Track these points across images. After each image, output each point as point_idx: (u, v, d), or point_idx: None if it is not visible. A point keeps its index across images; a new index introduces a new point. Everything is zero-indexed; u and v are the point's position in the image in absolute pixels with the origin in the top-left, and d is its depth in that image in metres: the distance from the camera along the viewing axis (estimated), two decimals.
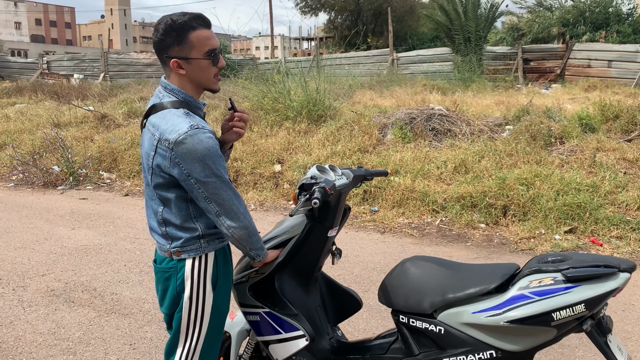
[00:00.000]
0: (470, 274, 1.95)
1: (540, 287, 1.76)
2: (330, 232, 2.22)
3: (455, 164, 6.78)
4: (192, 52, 1.88)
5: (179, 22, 1.85)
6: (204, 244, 1.98)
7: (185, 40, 1.86)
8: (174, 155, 1.81)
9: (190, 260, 1.97)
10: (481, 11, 20.03)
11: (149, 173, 1.93)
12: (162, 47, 1.88)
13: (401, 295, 2.02)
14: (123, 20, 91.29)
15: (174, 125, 1.82)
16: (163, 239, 1.99)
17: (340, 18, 34.58)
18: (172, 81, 1.95)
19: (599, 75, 18.07)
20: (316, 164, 2.27)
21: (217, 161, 1.84)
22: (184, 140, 1.79)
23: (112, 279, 4.41)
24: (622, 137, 7.74)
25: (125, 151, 8.47)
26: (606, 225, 5.36)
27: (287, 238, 2.19)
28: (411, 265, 2.08)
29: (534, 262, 1.90)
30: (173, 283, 2.00)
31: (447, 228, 5.76)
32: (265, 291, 2.23)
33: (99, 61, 25.22)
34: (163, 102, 1.92)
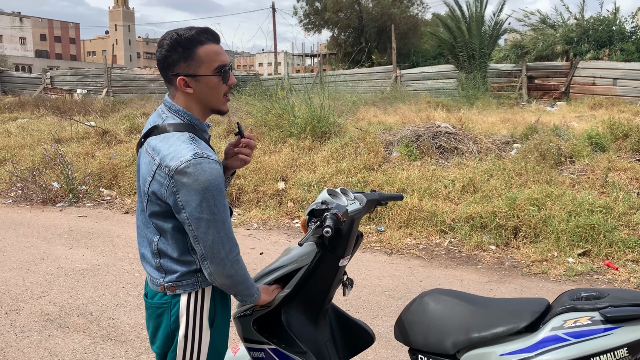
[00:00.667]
0: (496, 310, 1.78)
1: (576, 327, 1.59)
2: (341, 262, 2.05)
3: (464, 183, 6.62)
4: (200, 69, 1.73)
5: (185, 37, 1.70)
6: (200, 278, 1.80)
7: (193, 56, 1.71)
8: (172, 184, 1.65)
9: (186, 295, 1.80)
10: (485, 28, 20.03)
11: (144, 199, 1.77)
12: (167, 64, 1.73)
13: (420, 332, 1.85)
14: (127, 36, 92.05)
15: (177, 151, 1.66)
16: (156, 272, 1.83)
17: (343, 35, 34.73)
18: (177, 101, 1.79)
19: (604, 93, 17.97)
20: (327, 188, 2.11)
21: (217, 197, 1.67)
22: (185, 169, 1.62)
23: (109, 302, 4.23)
24: (633, 156, 7.58)
25: (126, 167, 8.33)
26: (621, 248, 5.17)
27: (296, 268, 2.02)
28: (431, 300, 1.90)
29: (565, 298, 1.73)
30: (166, 320, 1.83)
31: (457, 249, 5.58)
32: (271, 325, 2.06)
33: (102, 76, 25.25)
34: (166, 124, 1.75)
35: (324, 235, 1.78)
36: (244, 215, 6.79)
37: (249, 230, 6.33)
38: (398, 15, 31.05)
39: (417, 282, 4.71)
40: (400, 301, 4.29)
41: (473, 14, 19.91)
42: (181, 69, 1.72)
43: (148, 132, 1.79)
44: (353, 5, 33.25)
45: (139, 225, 1.87)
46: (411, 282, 4.71)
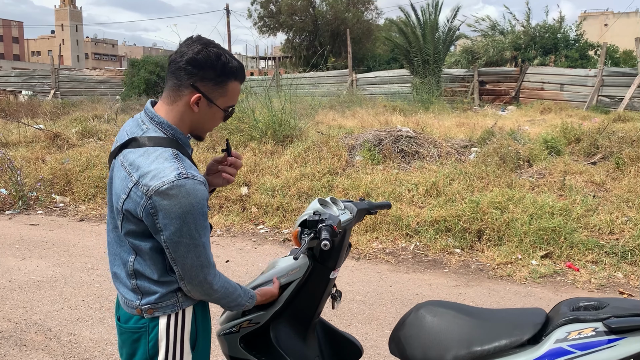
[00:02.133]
0: (496, 322, 1.75)
1: (580, 339, 1.57)
2: (332, 274, 1.99)
3: (427, 187, 6.67)
4: (219, 100, 1.64)
5: (230, 65, 1.62)
6: (181, 298, 1.68)
7: (223, 86, 1.64)
8: (150, 205, 1.52)
9: (165, 317, 1.67)
10: (439, 34, 20.40)
11: (118, 217, 1.62)
12: (193, 71, 1.59)
13: (418, 347, 1.80)
14: (75, 36, 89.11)
15: (159, 169, 1.53)
16: (132, 294, 1.67)
17: (298, 38, 34.67)
18: (166, 112, 1.65)
19: (551, 98, 18.63)
20: (318, 198, 2.03)
21: (199, 220, 1.55)
22: (167, 191, 1.50)
23: (69, 316, 4.01)
24: (586, 159, 7.85)
25: (80, 173, 7.99)
26: (581, 250, 5.32)
27: (286, 282, 1.94)
28: (427, 313, 1.86)
29: (564, 308, 1.71)
30: (144, 346, 1.68)
31: (423, 253, 5.61)
32: (259, 342, 1.97)
33: (49, 77, 24.32)
34: (146, 137, 1.61)
35: (322, 248, 1.71)
36: None
37: (212, 237, 6.16)
38: (352, 19, 31.26)
39: (387, 288, 4.70)
40: (372, 307, 4.25)
41: (427, 20, 20.26)
42: (205, 89, 1.61)
43: (124, 143, 1.64)
44: (307, 9, 33.27)
45: (110, 242, 1.72)
46: (381, 288, 4.69)
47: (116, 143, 1.71)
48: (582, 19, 34.25)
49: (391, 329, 3.85)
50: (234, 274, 4.95)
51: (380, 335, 3.76)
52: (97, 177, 7.80)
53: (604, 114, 14.96)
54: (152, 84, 22.38)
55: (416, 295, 4.54)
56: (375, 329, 3.88)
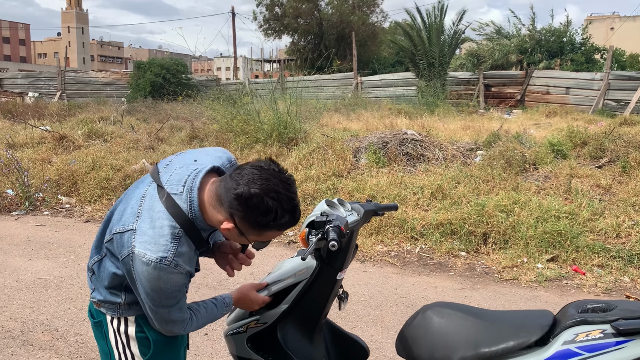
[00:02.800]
0: (503, 324, 1.75)
1: (588, 341, 1.57)
2: (339, 275, 1.99)
3: (432, 190, 6.67)
4: (251, 236, 1.62)
5: (275, 223, 1.57)
6: (123, 308, 1.71)
7: (261, 231, 1.60)
8: (129, 259, 1.55)
9: (109, 317, 1.74)
10: (445, 37, 20.41)
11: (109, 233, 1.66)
12: (237, 207, 1.52)
13: (425, 348, 1.80)
14: (80, 39, 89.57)
15: (153, 239, 1.53)
16: (89, 282, 1.78)
17: (303, 41, 34.76)
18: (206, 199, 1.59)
19: (557, 102, 18.60)
20: (325, 199, 2.04)
21: (165, 299, 1.57)
22: (145, 264, 1.52)
23: (75, 317, 4.02)
24: (592, 163, 7.83)
25: (86, 174, 8.02)
26: (587, 254, 5.30)
27: (293, 283, 1.94)
28: (434, 314, 1.86)
29: (572, 310, 1.71)
30: (99, 333, 1.81)
31: (428, 256, 5.60)
32: (266, 343, 1.98)
33: (56, 79, 24.45)
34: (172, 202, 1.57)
35: (330, 249, 1.71)
36: None
37: None
38: (357, 22, 31.32)
39: (392, 290, 4.69)
40: (377, 310, 4.25)
41: (433, 23, 20.28)
42: (241, 225, 1.56)
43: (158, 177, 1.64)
44: (312, 12, 33.36)
45: (97, 234, 1.78)
46: (386, 290, 4.69)
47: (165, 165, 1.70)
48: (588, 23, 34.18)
49: (397, 332, 3.85)
50: (238, 275, 4.96)
51: (385, 338, 3.76)
52: (103, 179, 7.83)
53: (610, 118, 14.92)
54: (158, 86, 22.47)
55: (421, 298, 4.53)
56: (381, 331, 3.88)
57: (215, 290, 4.60)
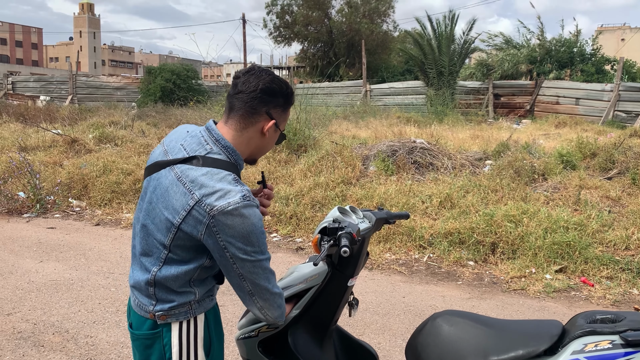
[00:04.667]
0: (512, 333, 1.77)
1: (597, 351, 1.59)
2: (350, 281, 2.01)
3: (441, 199, 6.68)
4: (282, 124, 1.77)
5: (289, 91, 1.73)
6: (194, 306, 1.72)
7: (286, 111, 1.76)
8: (213, 224, 1.55)
9: (177, 324, 1.70)
10: (454, 46, 20.44)
11: (168, 231, 1.62)
12: (268, 100, 1.68)
13: (434, 355, 1.82)
14: (92, 43, 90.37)
15: (225, 191, 1.56)
16: (146, 299, 1.70)
17: (313, 48, 34.88)
18: (233, 137, 1.70)
19: (567, 112, 18.55)
20: (337, 206, 2.07)
21: (261, 238, 1.61)
22: (232, 212, 1.54)
23: (85, 319, 4.07)
24: (602, 174, 7.81)
25: (96, 178, 8.10)
26: (596, 265, 5.28)
27: (305, 288, 1.97)
28: (444, 322, 1.88)
29: (581, 320, 1.72)
30: (158, 352, 1.71)
31: (436, 265, 5.61)
32: (277, 347, 2.00)
33: (67, 83, 24.68)
34: (210, 157, 1.64)
35: (342, 255, 1.74)
36: None
37: None
38: (367, 31, 31.41)
39: (400, 298, 4.70)
40: (385, 318, 4.26)
41: (443, 32, 20.32)
42: (276, 115, 1.71)
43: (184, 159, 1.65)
44: (323, 20, 33.49)
45: (138, 249, 1.74)
46: (394, 298, 4.70)
47: (165, 153, 1.73)
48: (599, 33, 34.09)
49: (405, 340, 3.87)
50: None
51: (393, 346, 3.77)
52: (114, 183, 7.90)
53: (619, 129, 14.86)
54: (168, 91, 22.63)
55: (429, 306, 4.54)
56: (389, 339, 3.89)
57: (224, 294, 4.63)
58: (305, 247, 6.08)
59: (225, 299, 4.51)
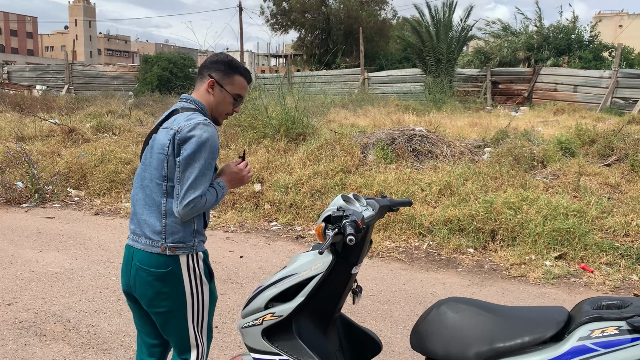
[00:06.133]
0: (518, 319, 1.77)
1: (603, 337, 1.59)
2: (354, 269, 2.01)
3: (440, 187, 6.67)
4: (227, 87, 2.21)
5: (235, 63, 2.23)
6: (197, 243, 2.14)
7: (231, 76, 2.21)
8: (180, 139, 2.03)
9: (185, 257, 2.11)
10: (452, 34, 20.34)
11: (163, 162, 2.06)
12: (210, 66, 2.21)
13: (440, 342, 1.82)
14: (88, 32, 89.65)
15: (191, 119, 2.08)
16: (157, 235, 2.08)
17: (310, 36, 34.69)
18: (196, 95, 2.23)
19: (565, 99, 18.51)
20: (341, 194, 2.06)
21: (210, 153, 2.04)
22: (194, 127, 2.03)
23: (87, 308, 4.06)
24: (601, 161, 7.81)
25: (95, 167, 8.07)
26: (595, 252, 5.30)
27: (309, 276, 1.96)
28: (448, 309, 1.87)
29: (587, 306, 1.72)
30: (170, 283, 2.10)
31: (436, 252, 5.62)
32: (281, 335, 2.00)
33: (63, 72, 24.52)
34: (185, 107, 2.17)
35: (347, 243, 1.73)
36: (219, 218, 6.67)
37: (226, 233, 6.22)
38: (365, 18, 31.21)
39: (400, 286, 4.71)
40: (386, 305, 4.27)
41: (441, 19, 20.20)
42: (217, 77, 2.20)
43: (167, 116, 2.18)
44: (320, 7, 33.28)
45: (141, 197, 2.15)
46: (395, 286, 4.71)
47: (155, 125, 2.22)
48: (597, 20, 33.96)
49: (405, 327, 3.88)
50: (249, 270, 4.99)
51: (394, 333, 3.79)
52: (112, 172, 7.88)
53: (618, 116, 14.84)
54: (165, 80, 22.52)
55: (430, 294, 4.55)
56: (390, 326, 3.90)
57: (225, 283, 4.63)
58: (305, 236, 6.08)
59: (227, 287, 4.52)
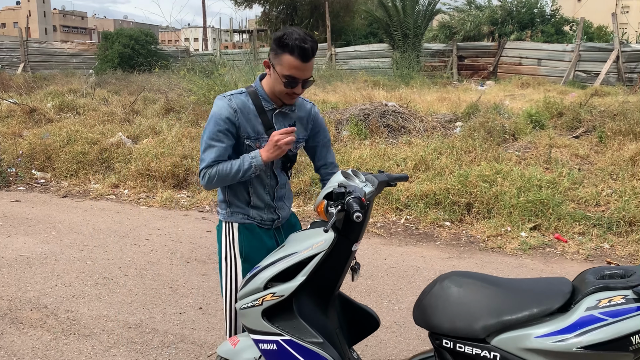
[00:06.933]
0: (524, 292, 1.76)
1: (611, 306, 1.60)
2: (354, 246, 1.97)
3: (415, 162, 6.70)
4: (277, 67, 2.11)
5: (285, 40, 2.05)
6: (228, 212, 2.27)
7: (279, 55, 2.09)
8: None
9: (223, 225, 2.30)
10: (419, 8, 20.28)
11: None
12: (270, 46, 2.16)
13: (445, 317, 1.81)
14: (41, 8, 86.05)
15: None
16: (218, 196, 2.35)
17: (275, 11, 34.07)
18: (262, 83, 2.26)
19: (529, 73, 18.76)
20: (340, 170, 2.01)
21: (214, 123, 2.15)
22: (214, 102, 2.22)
23: (64, 293, 3.94)
24: (569, 133, 7.97)
25: (60, 148, 7.79)
26: (568, 222, 5.42)
27: (310, 255, 1.92)
28: (452, 283, 1.86)
29: (590, 276, 1.73)
30: (217, 239, 2.34)
31: (414, 227, 5.66)
32: (282, 316, 1.96)
33: (18, 50, 23.50)
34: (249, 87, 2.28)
35: (355, 220, 1.69)
36: (194, 198, 6.55)
37: (201, 213, 6.11)
38: None
39: (381, 260, 4.73)
40: (369, 280, 4.29)
41: None
42: (270, 56, 2.15)
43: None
44: None
45: None
46: (376, 260, 4.72)
47: None
48: None
49: (390, 301, 3.90)
50: None
51: (380, 307, 3.80)
52: (79, 153, 7.62)
53: (581, 89, 15.15)
54: (127, 57, 21.84)
55: (411, 267, 4.59)
56: (375, 300, 3.91)
57: (205, 264, 4.56)
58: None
59: (208, 268, 4.45)
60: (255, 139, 2.20)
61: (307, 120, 2.40)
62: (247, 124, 2.17)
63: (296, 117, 2.32)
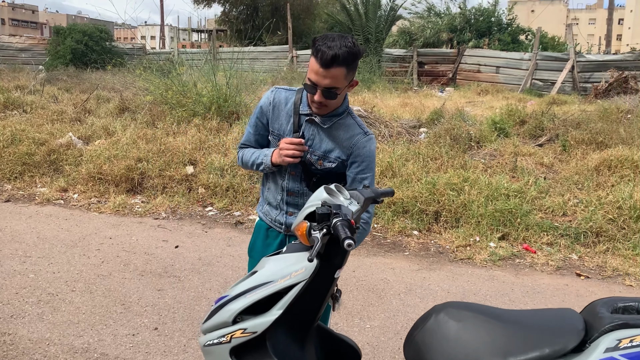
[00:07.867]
0: (532, 327, 1.56)
1: (633, 347, 1.41)
2: (337, 273, 1.74)
3: (382, 168, 6.52)
4: (309, 72, 2.04)
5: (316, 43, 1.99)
6: (260, 213, 2.38)
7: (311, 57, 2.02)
8: None
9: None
10: (381, 13, 20.29)
11: None
12: None
13: (442, 356, 1.59)
14: None
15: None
16: None
17: (235, 11, 33.55)
18: None
19: (487, 80, 19.02)
20: (324, 186, 1.76)
21: (256, 109, 2.28)
22: None
23: (1, 313, 3.54)
24: (533, 141, 7.97)
25: (4, 149, 7.24)
26: (537, 232, 5.35)
27: (289, 285, 1.66)
28: (450, 317, 1.64)
29: (602, 310, 1.55)
30: None
31: (381, 236, 5.47)
32: (254, 354, 1.70)
33: None
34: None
35: (346, 249, 1.45)
36: (149, 204, 6.17)
37: (157, 220, 5.75)
38: None
39: (350, 273, 4.51)
40: None
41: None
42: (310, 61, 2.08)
43: None
44: None
45: None
46: (344, 273, 4.49)
47: None
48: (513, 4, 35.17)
49: (361, 318, 3.68)
50: (186, 261, 4.60)
51: (350, 326, 3.57)
52: (24, 154, 7.10)
53: (538, 97, 15.43)
54: (80, 53, 20.98)
55: (381, 280, 4.38)
56: (345, 318, 3.69)
57: (161, 277, 4.23)
58: (244, 222, 5.74)
59: (164, 282, 4.12)
60: (278, 136, 2.19)
61: (347, 145, 2.17)
62: (276, 120, 2.19)
63: (334, 135, 2.15)
